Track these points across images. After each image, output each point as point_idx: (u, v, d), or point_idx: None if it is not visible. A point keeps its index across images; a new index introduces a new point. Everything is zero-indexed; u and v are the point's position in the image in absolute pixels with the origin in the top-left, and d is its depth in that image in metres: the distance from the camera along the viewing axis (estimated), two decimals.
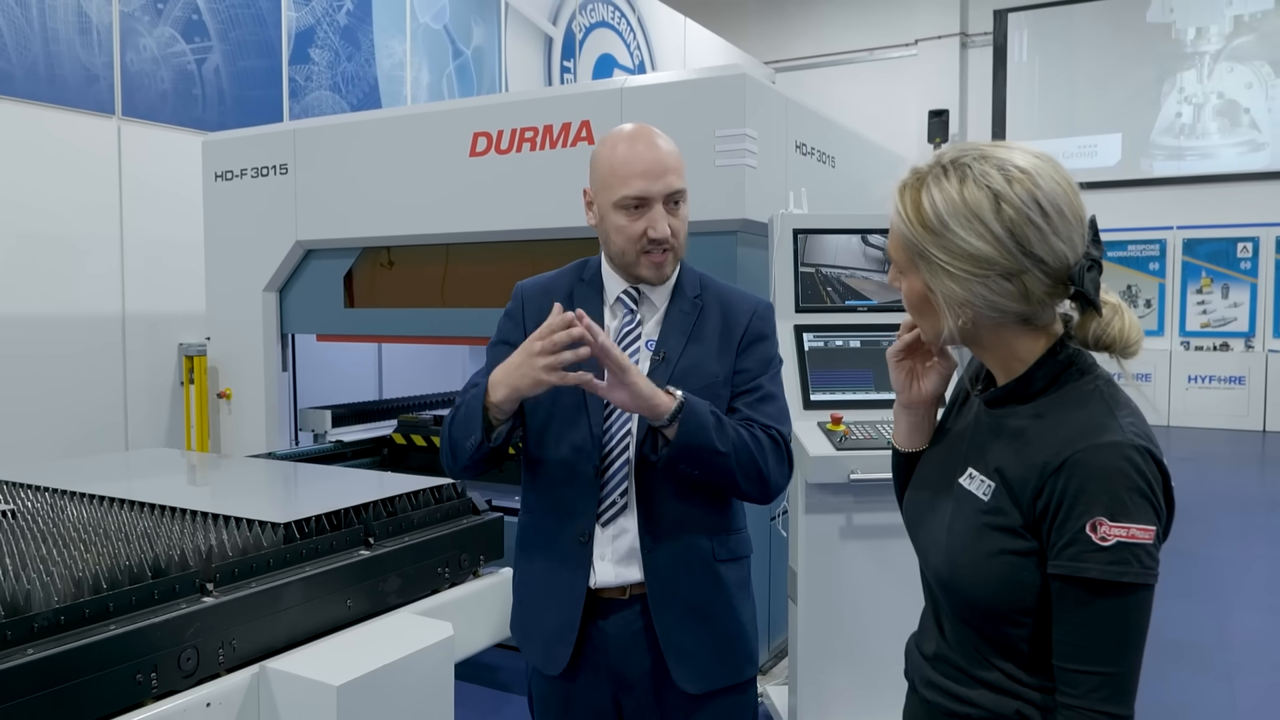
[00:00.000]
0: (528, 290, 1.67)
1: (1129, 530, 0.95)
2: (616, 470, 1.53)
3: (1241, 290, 10.25)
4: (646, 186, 1.49)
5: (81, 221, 4.68)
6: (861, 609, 2.56)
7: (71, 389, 4.61)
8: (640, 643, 1.53)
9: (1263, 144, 10.60)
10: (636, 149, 1.51)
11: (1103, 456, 0.97)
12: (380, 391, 5.16)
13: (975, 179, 1.00)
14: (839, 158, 3.80)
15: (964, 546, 1.07)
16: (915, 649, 1.22)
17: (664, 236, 1.50)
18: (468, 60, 7.50)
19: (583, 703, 1.58)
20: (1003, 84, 11.82)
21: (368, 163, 3.76)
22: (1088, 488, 0.97)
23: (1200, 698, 3.29)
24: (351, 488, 2.66)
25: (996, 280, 1.00)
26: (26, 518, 2.28)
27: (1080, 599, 0.97)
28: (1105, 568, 0.95)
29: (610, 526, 1.53)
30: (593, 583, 1.52)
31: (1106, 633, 0.97)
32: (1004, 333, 1.06)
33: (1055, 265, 1.01)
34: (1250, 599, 4.39)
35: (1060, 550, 0.98)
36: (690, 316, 1.58)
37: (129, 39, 4.88)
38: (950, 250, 1.00)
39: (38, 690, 1.58)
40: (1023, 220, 0.99)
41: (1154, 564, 0.97)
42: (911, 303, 1.10)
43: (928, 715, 1.16)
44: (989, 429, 1.11)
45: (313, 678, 1.88)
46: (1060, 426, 1.01)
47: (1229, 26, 10.70)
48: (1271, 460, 8.35)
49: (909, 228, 1.03)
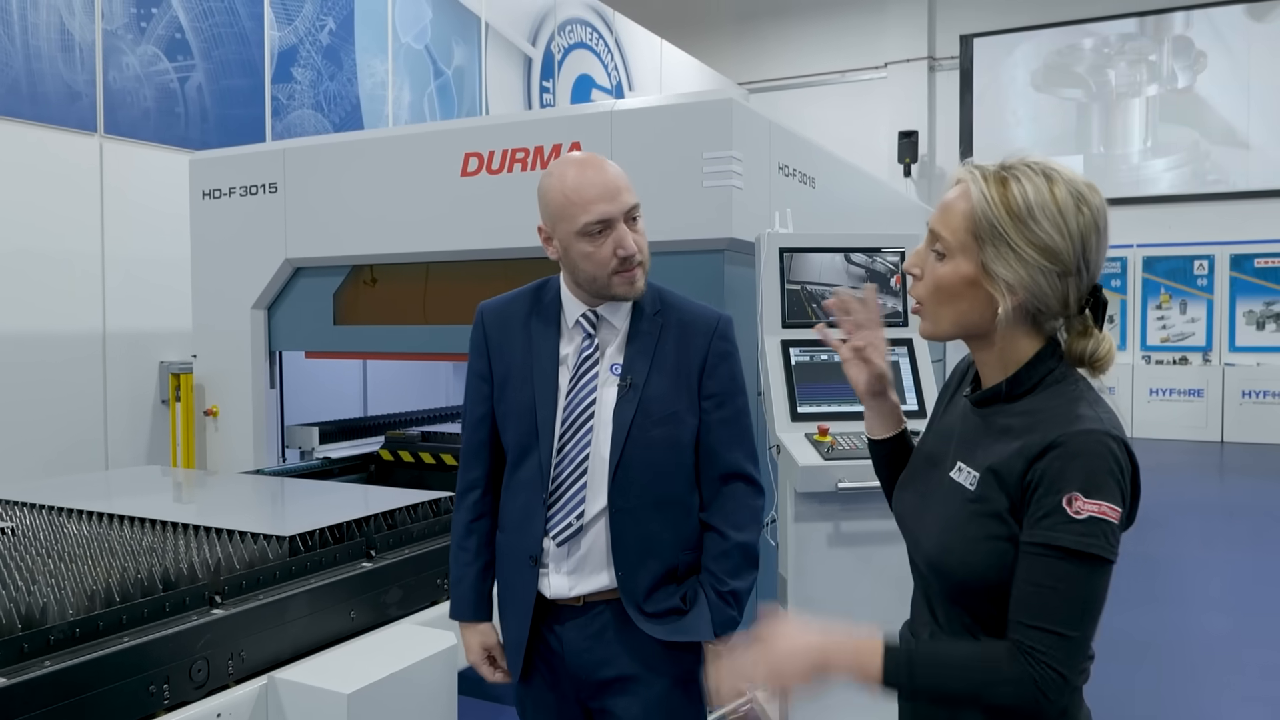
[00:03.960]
0: (487, 313, 1.72)
1: (1100, 507, 1.04)
2: (571, 497, 1.57)
3: (1198, 306, 10.58)
4: (606, 209, 1.52)
5: (63, 238, 4.67)
6: (849, 614, 2.63)
7: (52, 405, 4.58)
8: (595, 646, 1.59)
9: (1219, 166, 10.96)
10: (587, 174, 1.54)
11: (1083, 441, 1.06)
12: (365, 408, 5.17)
13: (1062, 183, 1.10)
14: (819, 179, 3.91)
15: (953, 532, 1.15)
16: (908, 634, 1.29)
17: (632, 253, 1.53)
18: (449, 80, 7.57)
19: (544, 707, 1.65)
20: (969, 106, 12.13)
21: (359, 182, 3.81)
22: (1069, 467, 1.05)
23: (1165, 695, 3.41)
24: (351, 501, 2.70)
25: (1054, 277, 1.10)
26: (28, 535, 2.29)
27: (1050, 565, 1.05)
28: (1077, 538, 1.04)
29: (566, 546, 1.58)
30: (548, 593, 1.59)
31: (1070, 599, 1.05)
32: (1016, 331, 1.15)
33: (1092, 276, 1.12)
34: (1211, 601, 4.55)
35: (1037, 521, 1.07)
36: (652, 338, 1.60)
37: (111, 57, 4.89)
38: (1030, 239, 1.09)
39: (55, 702, 1.60)
40: (1090, 228, 1.10)
41: (1117, 543, 1.06)
42: (945, 286, 1.16)
43: (923, 701, 1.23)
44: (977, 428, 1.19)
45: (323, 687, 1.92)
46: (1045, 419, 1.10)
47: (1184, 58, 11.09)
48: (1229, 469, 8.62)
49: (993, 210, 1.10)
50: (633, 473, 1.55)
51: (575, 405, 1.58)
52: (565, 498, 1.57)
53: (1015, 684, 1.05)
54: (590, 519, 1.57)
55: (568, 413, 1.57)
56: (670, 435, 1.57)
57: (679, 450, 1.59)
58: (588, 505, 1.56)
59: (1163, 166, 11.20)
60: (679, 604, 1.59)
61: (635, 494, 1.56)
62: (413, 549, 2.51)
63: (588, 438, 1.56)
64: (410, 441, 4.38)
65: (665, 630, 1.56)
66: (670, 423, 1.56)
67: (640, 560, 1.56)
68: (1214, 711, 3.30)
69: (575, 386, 1.58)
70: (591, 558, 1.57)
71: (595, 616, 1.58)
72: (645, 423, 1.56)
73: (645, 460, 1.56)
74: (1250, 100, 10.76)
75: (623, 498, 1.55)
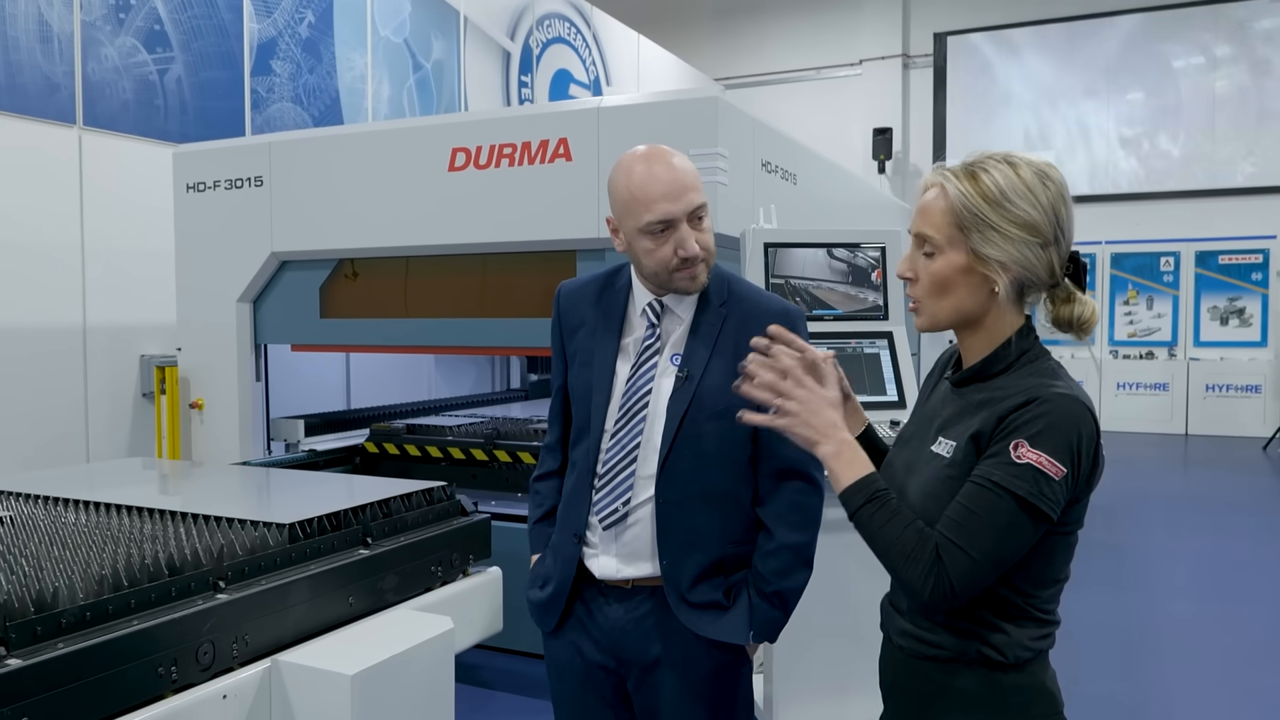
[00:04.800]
0: (563, 294, 1.74)
1: (1040, 458, 1.14)
2: (619, 484, 1.58)
3: (1164, 302, 10.83)
4: (669, 209, 1.51)
5: (42, 231, 4.63)
6: (834, 600, 2.73)
7: (32, 399, 4.55)
8: (638, 627, 1.60)
9: (1183, 165, 11.22)
10: (654, 171, 1.53)
11: (1055, 403, 1.17)
12: (349, 401, 5.19)
13: (1025, 165, 1.23)
14: (799, 175, 4.00)
15: (931, 497, 1.23)
16: (889, 605, 1.38)
17: (694, 255, 1.53)
18: (428, 74, 7.57)
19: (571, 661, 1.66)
20: (943, 104, 12.30)
21: (346, 176, 3.83)
22: (1031, 421, 1.16)
23: (1132, 678, 3.54)
24: (345, 490, 2.74)
25: (1038, 249, 1.22)
26: (28, 524, 2.31)
27: (979, 494, 1.16)
28: (1009, 477, 1.15)
29: (612, 530, 1.60)
30: (597, 573, 1.61)
31: (986, 526, 1.15)
32: (1002, 310, 1.26)
33: (1068, 244, 1.24)
34: (1176, 588, 4.70)
35: (985, 459, 1.18)
36: (715, 328, 1.60)
37: (90, 48, 4.86)
38: (1009, 218, 1.21)
39: (68, 683, 1.64)
40: (1058, 199, 1.23)
41: (1054, 496, 1.15)
42: (941, 279, 1.25)
43: (902, 660, 1.32)
44: (957, 405, 1.29)
45: (326, 668, 1.97)
46: (1020, 387, 1.21)
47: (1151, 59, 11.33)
48: (1193, 461, 8.86)
49: (972, 201, 1.22)
50: (682, 464, 1.56)
51: (632, 394, 1.59)
52: (613, 484, 1.59)
53: (921, 573, 1.16)
54: (636, 506, 1.58)
55: (625, 400, 1.59)
56: (724, 429, 1.54)
57: (733, 444, 1.58)
58: (635, 493, 1.58)
59: (1131, 164, 11.45)
60: (722, 599, 1.59)
61: (683, 486, 1.56)
62: (408, 536, 2.56)
63: (640, 427, 1.58)
64: (396, 434, 4.42)
65: (702, 625, 1.57)
66: (725, 416, 1.50)
67: (685, 551, 1.57)
68: (1179, 689, 3.44)
69: (634, 375, 1.60)
70: (638, 544, 1.59)
71: (641, 601, 1.60)
72: (699, 415, 1.56)
73: (696, 452, 1.56)
74: (1214, 100, 11.02)
75: (670, 489, 1.56)
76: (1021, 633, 1.22)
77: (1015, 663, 1.22)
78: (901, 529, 1.19)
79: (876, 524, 1.21)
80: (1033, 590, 1.22)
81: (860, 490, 1.22)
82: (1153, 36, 11.27)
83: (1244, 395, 10.15)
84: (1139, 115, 11.37)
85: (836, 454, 1.24)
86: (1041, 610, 1.23)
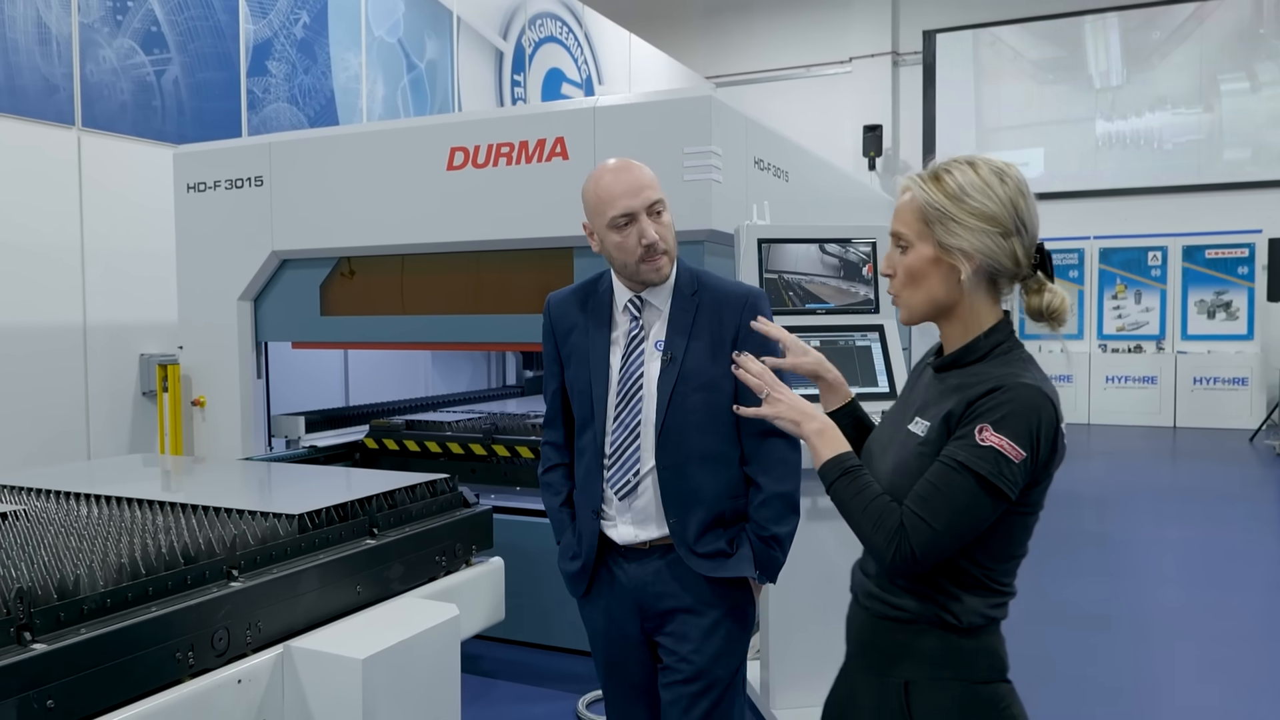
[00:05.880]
0: (553, 304, 1.96)
1: (1002, 442, 1.26)
2: (627, 458, 1.81)
3: (1152, 296, 10.95)
4: (629, 203, 1.76)
5: (42, 231, 4.67)
6: (827, 585, 2.80)
7: (32, 397, 4.59)
8: (655, 580, 1.82)
9: (1170, 159, 11.33)
10: (618, 176, 1.79)
11: (1018, 391, 1.28)
12: (347, 398, 5.24)
13: (983, 165, 1.36)
14: (791, 172, 4.07)
15: (903, 472, 1.36)
16: (859, 570, 1.51)
17: (654, 240, 1.77)
18: (421, 74, 7.61)
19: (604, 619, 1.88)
20: (932, 101, 12.39)
21: (345, 175, 3.89)
22: (996, 407, 1.28)
23: (1124, 664, 3.62)
24: (350, 483, 2.80)
25: (998, 238, 1.33)
26: (42, 517, 2.37)
27: (944, 472, 1.29)
28: (973, 458, 1.27)
29: (628, 499, 1.82)
30: (618, 540, 1.83)
31: (949, 501, 1.28)
32: (978, 300, 1.37)
33: (1031, 236, 1.36)
34: (1165, 576, 4.79)
35: (952, 441, 1.31)
36: (689, 314, 1.83)
37: (88, 50, 4.89)
38: (969, 210, 1.33)
39: (91, 666, 1.70)
40: (1016, 194, 1.34)
41: (1013, 478, 1.26)
42: (913, 270, 1.38)
43: (866, 619, 1.45)
44: (936, 390, 1.40)
45: (338, 653, 2.03)
46: (991, 374, 1.33)
47: (1139, 54, 11.45)
48: (1182, 453, 8.95)
49: (934, 198, 1.35)
50: (675, 434, 1.78)
51: (627, 380, 1.82)
52: (623, 458, 1.81)
53: (885, 539, 1.30)
54: (643, 475, 1.81)
55: (621, 386, 1.82)
56: (708, 400, 1.79)
57: (717, 412, 1.80)
58: (641, 464, 1.80)
59: (1118, 159, 11.55)
60: (725, 547, 1.81)
61: (678, 451, 1.78)
62: (412, 527, 2.62)
63: (639, 406, 1.81)
64: (395, 430, 4.47)
65: (711, 568, 1.79)
66: (708, 389, 1.78)
67: (688, 509, 1.79)
68: (1167, 675, 3.52)
69: (626, 363, 1.83)
70: (648, 509, 1.81)
71: (656, 558, 1.82)
72: (685, 390, 1.78)
73: (686, 422, 1.78)
74: (1202, 96, 11.13)
75: (667, 456, 1.78)
76: (977, 601, 1.34)
77: (969, 628, 1.34)
78: (870, 500, 1.34)
79: (849, 494, 1.36)
80: (990, 564, 1.34)
81: (836, 465, 1.38)
82: (1140, 32, 11.38)
83: (1231, 388, 10.27)
84: (1126, 110, 11.47)
85: (819, 432, 1.41)
86: (997, 582, 1.35)
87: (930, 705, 1.35)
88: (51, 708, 1.61)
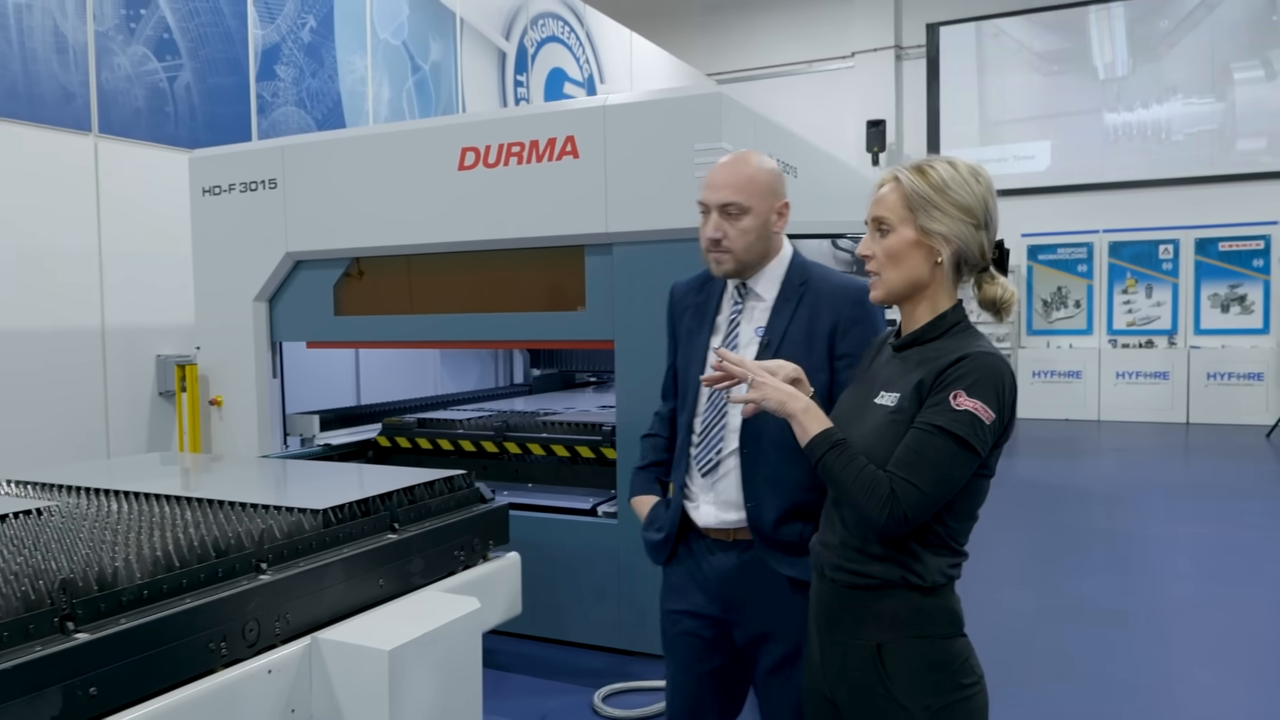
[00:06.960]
0: (675, 291, 2.11)
1: (975, 405, 1.41)
2: (713, 437, 1.93)
3: (1164, 290, 10.87)
4: (706, 196, 1.90)
5: (61, 236, 4.75)
6: None
7: (53, 400, 4.66)
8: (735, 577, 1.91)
9: (1181, 151, 11.25)
10: (718, 169, 1.91)
11: (982, 359, 1.45)
12: (358, 397, 5.30)
13: (961, 165, 1.54)
14: (800, 168, 4.10)
15: (876, 439, 1.49)
16: (819, 545, 1.62)
17: (711, 236, 1.89)
18: (426, 76, 7.67)
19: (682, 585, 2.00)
20: (936, 94, 12.39)
21: (358, 177, 3.94)
22: (965, 375, 1.43)
23: (1142, 660, 3.63)
24: (370, 479, 2.85)
25: (972, 228, 1.51)
26: (76, 511, 2.42)
27: (925, 437, 1.42)
28: (950, 421, 1.41)
29: (710, 477, 1.93)
30: (700, 522, 1.95)
31: (932, 463, 1.41)
32: (943, 285, 1.53)
33: (993, 232, 1.54)
34: (1180, 573, 4.77)
35: (928, 409, 1.45)
36: (791, 304, 1.92)
37: (103, 58, 4.96)
38: (951, 201, 1.51)
39: (130, 656, 1.75)
40: (987, 192, 1.53)
41: (985, 437, 1.42)
42: (895, 251, 1.53)
43: (832, 592, 1.56)
44: (898, 367, 1.55)
45: (364, 644, 2.08)
46: (953, 347, 1.49)
47: (1147, 44, 11.42)
48: (1194, 449, 8.85)
49: (920, 188, 1.51)
50: (761, 419, 1.80)
51: None
52: (709, 437, 1.92)
53: (879, 505, 1.42)
54: (725, 455, 1.91)
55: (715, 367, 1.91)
56: None
57: None
58: (725, 444, 1.91)
59: (1127, 151, 11.46)
60: (800, 543, 1.86)
61: (762, 437, 1.86)
62: (432, 522, 2.67)
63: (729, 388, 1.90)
64: (407, 428, 4.53)
65: (783, 564, 1.88)
66: None
67: (767, 494, 1.88)
68: (1185, 671, 3.52)
69: (723, 344, 1.96)
70: (729, 493, 1.91)
71: (739, 553, 1.92)
72: None
73: None
74: (1214, 85, 11.07)
75: (752, 441, 1.88)
76: (940, 561, 1.48)
77: (932, 586, 1.48)
78: (860, 470, 1.46)
79: (839, 466, 1.47)
80: (954, 524, 1.49)
81: (824, 440, 1.49)
82: (1146, 21, 11.34)
83: (1246, 383, 10.09)
84: (1134, 101, 11.40)
85: (805, 410, 1.52)
86: (956, 542, 1.51)
87: (902, 663, 1.48)
88: (94, 695, 1.66)
